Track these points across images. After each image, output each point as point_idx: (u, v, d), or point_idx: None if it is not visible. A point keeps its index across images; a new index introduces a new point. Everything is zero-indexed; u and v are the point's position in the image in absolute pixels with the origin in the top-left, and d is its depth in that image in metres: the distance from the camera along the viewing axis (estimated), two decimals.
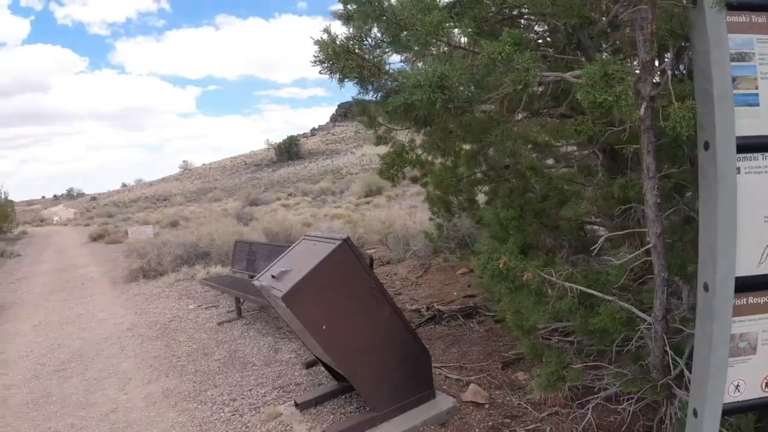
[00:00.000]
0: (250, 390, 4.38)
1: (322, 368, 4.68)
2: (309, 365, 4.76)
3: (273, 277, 3.17)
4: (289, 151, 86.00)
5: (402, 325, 3.47)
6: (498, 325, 5.37)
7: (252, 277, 6.90)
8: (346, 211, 21.55)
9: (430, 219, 7.02)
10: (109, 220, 30.50)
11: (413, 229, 9.52)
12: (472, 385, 3.93)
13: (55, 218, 47.58)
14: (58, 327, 7.20)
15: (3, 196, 29.39)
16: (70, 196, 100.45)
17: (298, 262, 3.23)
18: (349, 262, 3.13)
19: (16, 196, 33.04)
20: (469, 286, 7.00)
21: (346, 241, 3.11)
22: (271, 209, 26.83)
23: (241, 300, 6.53)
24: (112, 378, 5.02)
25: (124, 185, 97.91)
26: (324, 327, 3.05)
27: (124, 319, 7.11)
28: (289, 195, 41.70)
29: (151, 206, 47.29)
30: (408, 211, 12.16)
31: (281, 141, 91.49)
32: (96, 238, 19.54)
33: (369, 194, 31.72)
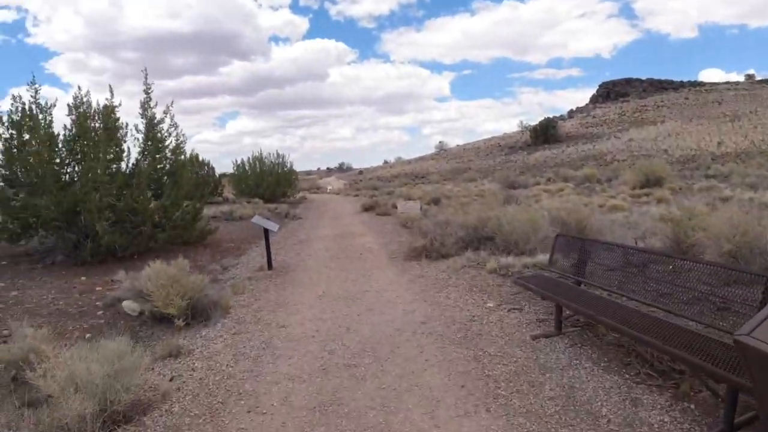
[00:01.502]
0: None
1: None
2: None
3: None
4: (545, 133, 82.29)
5: None
6: None
7: (579, 283, 5.28)
8: (624, 203, 18.60)
9: None
10: (375, 192, 32.31)
11: None
12: None
13: (329, 187, 53.21)
14: (344, 303, 6.65)
15: (288, 166, 33.52)
16: (341, 169, 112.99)
17: None
18: None
19: (297, 167, 37.72)
20: None
21: None
22: (533, 194, 24.88)
23: (564, 311, 4.97)
24: (414, 393, 3.93)
25: (385, 162, 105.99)
26: None
27: (414, 307, 6.19)
28: (548, 180, 39.14)
29: (410, 182, 49.44)
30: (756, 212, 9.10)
31: (537, 123, 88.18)
32: (368, 208, 20.29)
33: (644, 185, 27.50)
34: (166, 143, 12.00)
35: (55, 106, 10.50)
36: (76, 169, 10.42)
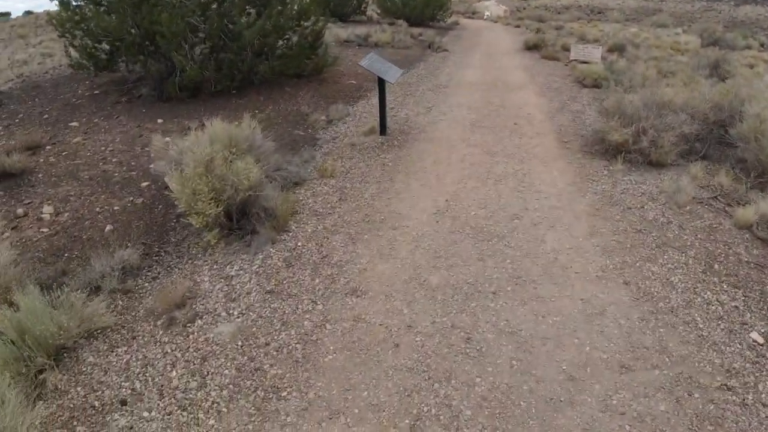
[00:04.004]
0: None
1: None
2: None
3: None
4: None
5: None
6: None
7: None
8: None
9: None
10: (540, 26, 26.68)
11: None
12: None
13: (486, 13, 46.69)
14: (473, 244, 3.89)
15: None
16: None
17: None
18: None
19: None
20: None
21: None
22: (745, 61, 17.82)
23: None
24: None
25: None
26: None
27: (603, 295, 3.25)
28: (762, 46, 30.00)
29: (584, 17, 41.28)
30: None
31: None
32: (531, 47, 16.02)
33: None
34: None
35: None
36: None
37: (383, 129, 6.53)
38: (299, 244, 3.81)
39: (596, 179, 5.17)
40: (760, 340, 2.83)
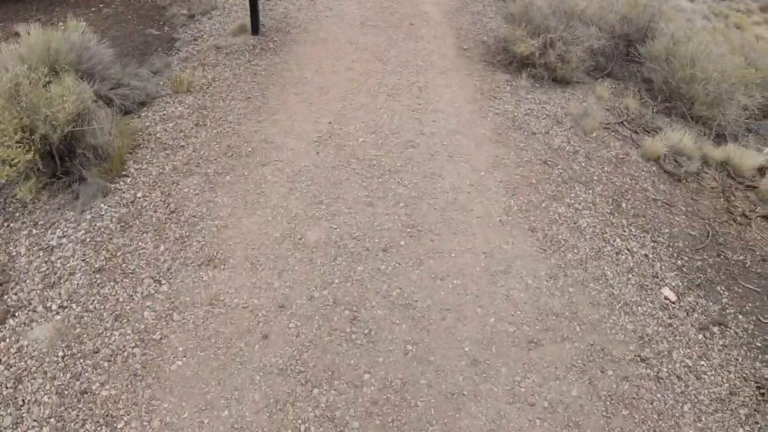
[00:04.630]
0: None
1: None
2: None
3: None
4: None
5: None
6: None
7: None
8: None
9: None
10: None
11: None
12: None
13: None
14: (360, 173, 3.33)
15: None
16: None
17: None
18: None
19: None
20: None
21: None
22: None
23: None
24: None
25: None
26: None
27: (516, 243, 2.84)
28: None
29: None
30: None
31: None
32: None
33: None
34: None
35: None
36: None
37: (255, 27, 5.49)
38: (139, 194, 2.98)
39: (498, 96, 4.67)
40: (672, 297, 2.60)
